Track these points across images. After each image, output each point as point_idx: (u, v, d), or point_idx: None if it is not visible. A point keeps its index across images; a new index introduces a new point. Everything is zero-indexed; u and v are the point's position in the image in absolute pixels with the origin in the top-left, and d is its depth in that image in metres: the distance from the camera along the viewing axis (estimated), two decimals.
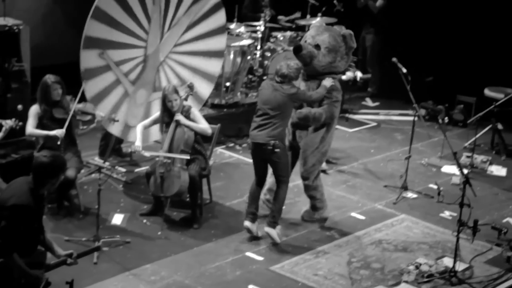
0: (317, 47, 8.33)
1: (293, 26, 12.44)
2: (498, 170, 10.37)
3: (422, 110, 11.48)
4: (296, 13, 12.65)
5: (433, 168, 10.34)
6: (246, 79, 11.68)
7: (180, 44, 9.45)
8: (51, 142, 8.11)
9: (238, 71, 11.22)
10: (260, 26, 11.79)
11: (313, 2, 12.41)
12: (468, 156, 10.40)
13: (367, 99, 12.98)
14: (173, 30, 9.30)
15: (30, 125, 8.18)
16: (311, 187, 8.53)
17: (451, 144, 8.41)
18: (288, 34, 12.00)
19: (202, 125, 8.35)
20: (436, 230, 8.64)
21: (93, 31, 8.64)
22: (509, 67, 12.02)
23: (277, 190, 8.14)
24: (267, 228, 8.04)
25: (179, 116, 8.24)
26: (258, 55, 11.70)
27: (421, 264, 7.75)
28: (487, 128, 11.02)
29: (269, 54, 11.67)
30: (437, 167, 10.33)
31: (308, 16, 12.34)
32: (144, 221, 8.34)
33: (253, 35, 11.67)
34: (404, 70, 9.37)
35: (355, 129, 11.65)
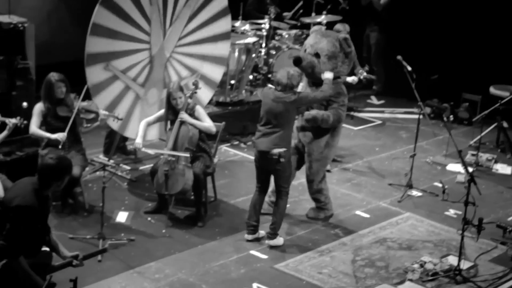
0: (317, 55, 8.31)
1: (298, 24, 12.43)
2: (503, 168, 10.35)
3: (427, 108, 11.47)
4: (299, 4, 12.64)
5: (438, 166, 10.32)
6: (251, 77, 11.68)
7: (185, 36, 9.41)
8: (55, 141, 8.12)
9: (243, 69, 11.22)
10: (265, 24, 11.78)
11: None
12: (473, 154, 10.38)
13: (372, 97, 12.96)
14: (175, 24, 9.27)
15: (34, 124, 8.18)
16: (315, 190, 8.53)
17: (456, 142, 8.39)
18: (293, 32, 11.99)
19: (207, 124, 8.34)
20: (440, 229, 8.62)
21: (94, 47, 8.64)
22: None
23: (277, 201, 8.03)
24: (269, 241, 7.98)
25: (183, 114, 8.23)
26: (263, 53, 11.70)
27: (425, 262, 7.73)
28: (492, 126, 11.00)
29: (274, 52, 11.67)
30: (442, 165, 10.32)
31: (313, 14, 12.32)
32: (149, 219, 8.35)
33: (258, 33, 11.67)
34: (409, 68, 9.36)
35: (360, 127, 11.64)
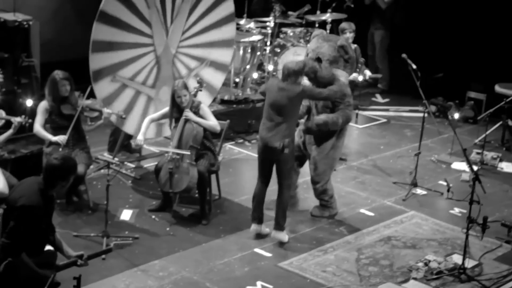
0: (319, 60, 8.32)
1: (303, 22, 12.41)
2: (508, 167, 10.32)
3: (432, 107, 11.45)
4: (305, 6, 12.60)
5: (443, 164, 10.30)
6: (255, 75, 11.67)
7: (188, 29, 9.37)
8: (56, 143, 8.10)
9: (248, 67, 11.21)
10: (270, 21, 11.77)
11: None
12: (478, 153, 10.35)
13: (377, 95, 12.94)
14: (176, 20, 9.23)
15: (38, 123, 8.18)
16: (319, 191, 8.53)
17: (461, 140, 8.38)
18: (298, 29, 11.98)
19: (211, 122, 8.33)
20: (445, 227, 8.61)
21: (97, 63, 8.67)
22: None
23: (279, 196, 8.02)
24: (275, 233, 8.00)
25: (188, 113, 8.22)
26: (267, 51, 11.69)
27: (430, 261, 7.72)
28: (497, 125, 10.99)
29: (278, 50, 11.65)
30: (447, 164, 10.29)
31: (318, 12, 12.31)
32: (153, 217, 8.35)
33: (263, 31, 11.66)
34: (414, 66, 9.34)
35: (365, 125, 11.63)
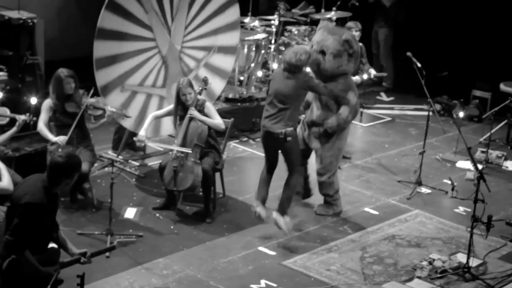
0: (322, 53, 8.31)
1: (308, 20, 12.39)
2: None
3: (437, 105, 11.43)
4: (309, 7, 12.60)
5: (447, 163, 10.29)
6: (260, 74, 11.65)
7: (190, 23, 9.34)
8: (55, 143, 8.11)
9: (252, 65, 11.19)
10: (275, 20, 11.76)
11: None
12: (483, 151, 10.33)
13: (382, 94, 12.92)
14: (177, 18, 9.19)
15: (41, 121, 8.17)
16: (326, 183, 8.51)
17: (466, 139, 8.36)
18: (302, 28, 11.96)
19: (216, 120, 8.32)
20: (450, 226, 8.60)
21: (104, 79, 8.72)
22: None
23: (288, 178, 8.08)
24: (276, 214, 8.00)
25: (193, 111, 8.21)
26: (272, 49, 11.67)
27: (434, 259, 7.71)
28: (502, 123, 10.97)
29: (283, 48, 11.62)
30: (451, 162, 10.28)
31: (323, 10, 12.29)
32: (157, 215, 8.34)
33: (268, 29, 11.64)
34: (419, 65, 9.33)
35: (370, 123, 11.61)
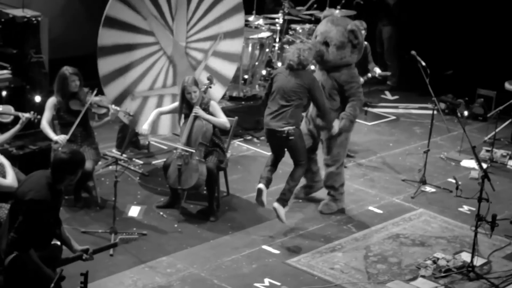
0: (326, 44, 8.31)
1: (312, 19, 12.39)
2: None
3: (441, 104, 11.42)
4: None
5: (452, 162, 10.28)
6: (264, 72, 11.65)
7: (192, 16, 9.30)
8: (56, 142, 8.11)
9: (256, 63, 11.19)
10: (279, 18, 11.75)
11: None
12: (487, 150, 10.32)
13: (386, 92, 12.92)
14: (177, 16, 9.14)
15: (45, 119, 8.17)
16: (334, 174, 8.51)
17: (470, 138, 8.35)
18: (307, 26, 11.95)
19: (221, 119, 8.31)
20: (454, 225, 8.58)
21: (113, 92, 8.74)
22: None
23: (293, 170, 8.10)
24: (276, 204, 7.98)
25: (198, 109, 8.20)
26: (276, 48, 11.67)
27: (438, 258, 7.70)
28: (507, 122, 10.96)
29: (287, 47, 11.61)
30: (456, 161, 10.27)
31: (327, 8, 12.27)
32: (161, 213, 8.34)
33: (272, 27, 11.64)
34: (423, 63, 9.32)
35: (374, 122, 11.60)
